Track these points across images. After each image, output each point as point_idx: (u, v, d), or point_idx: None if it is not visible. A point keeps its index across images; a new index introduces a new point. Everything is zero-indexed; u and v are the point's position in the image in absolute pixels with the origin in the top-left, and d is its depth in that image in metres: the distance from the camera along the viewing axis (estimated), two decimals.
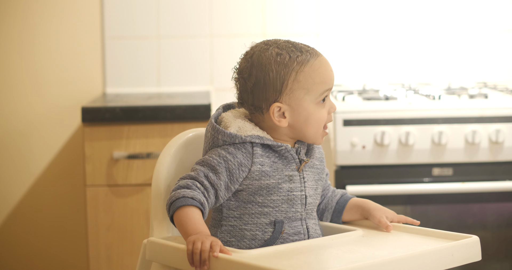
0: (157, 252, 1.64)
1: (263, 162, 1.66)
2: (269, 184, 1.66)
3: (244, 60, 1.70)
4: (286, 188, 1.67)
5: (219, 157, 1.64)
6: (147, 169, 2.79)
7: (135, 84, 3.29)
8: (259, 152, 1.66)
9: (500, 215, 2.79)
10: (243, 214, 1.66)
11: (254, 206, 1.66)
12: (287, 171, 1.68)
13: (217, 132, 1.67)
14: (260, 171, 1.65)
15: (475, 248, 1.63)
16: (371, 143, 2.72)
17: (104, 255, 2.81)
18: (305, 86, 1.66)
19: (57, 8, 3.24)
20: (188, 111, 2.78)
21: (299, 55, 1.67)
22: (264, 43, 1.71)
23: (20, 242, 3.30)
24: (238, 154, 1.65)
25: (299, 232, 1.68)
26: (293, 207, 1.68)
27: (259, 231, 1.65)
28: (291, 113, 1.68)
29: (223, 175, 1.63)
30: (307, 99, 1.67)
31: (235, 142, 1.65)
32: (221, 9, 3.28)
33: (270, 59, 1.66)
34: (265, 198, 1.66)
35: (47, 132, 3.25)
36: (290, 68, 1.66)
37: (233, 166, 1.64)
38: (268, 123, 1.70)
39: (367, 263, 1.46)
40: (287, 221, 1.67)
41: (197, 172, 1.64)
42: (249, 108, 1.70)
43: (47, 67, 3.25)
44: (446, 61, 3.34)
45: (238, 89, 1.72)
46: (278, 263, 1.48)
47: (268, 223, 1.66)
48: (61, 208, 3.29)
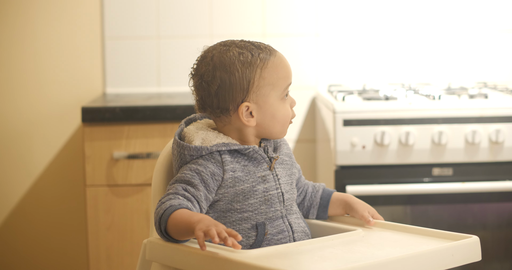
0: (157, 252, 1.64)
1: (234, 168, 1.65)
2: (244, 189, 1.65)
3: (203, 64, 1.68)
4: (261, 189, 1.67)
5: (191, 171, 1.63)
6: (147, 169, 2.79)
7: (135, 84, 3.29)
8: (228, 159, 1.65)
9: (500, 215, 2.79)
10: (224, 223, 1.65)
11: (234, 214, 1.65)
12: (259, 172, 1.67)
13: (183, 148, 1.66)
14: (233, 177, 1.65)
15: (475, 248, 1.63)
16: (371, 143, 2.72)
17: (104, 255, 2.81)
18: (270, 82, 1.67)
19: (57, 8, 3.24)
20: (188, 111, 2.78)
21: (260, 52, 1.67)
22: (221, 45, 1.70)
23: (20, 242, 3.30)
24: (209, 164, 1.64)
25: (283, 230, 1.68)
26: (272, 206, 1.67)
27: (243, 237, 1.64)
28: (258, 111, 1.67)
29: (200, 186, 1.62)
30: (272, 95, 1.68)
31: (202, 154, 1.65)
32: (221, 9, 3.28)
33: (233, 59, 1.65)
34: (242, 204, 1.65)
35: (47, 132, 3.25)
36: (255, 66, 1.66)
37: (206, 176, 1.63)
38: (235, 125, 1.69)
39: (367, 263, 1.46)
40: (269, 221, 1.67)
41: (175, 188, 1.62)
42: (214, 112, 1.68)
43: (47, 67, 3.25)
44: (446, 61, 3.34)
45: (198, 95, 1.69)
46: (278, 263, 1.48)
47: (250, 227, 1.65)
48: (61, 208, 3.29)
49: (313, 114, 3.28)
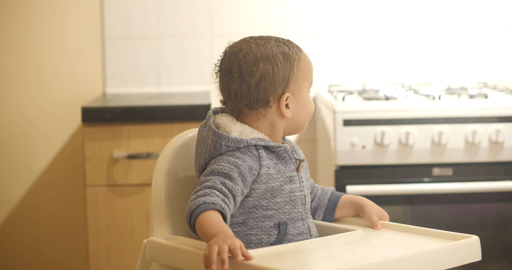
0: (157, 252, 1.64)
1: (269, 164, 1.66)
2: (273, 187, 1.65)
3: (240, 56, 1.67)
4: (288, 189, 1.67)
5: (229, 164, 1.62)
6: (147, 169, 2.79)
7: (135, 84, 3.29)
8: (264, 155, 1.65)
9: (500, 215, 2.79)
10: (247, 219, 1.65)
11: (259, 210, 1.65)
12: (288, 172, 1.68)
13: (220, 138, 1.64)
14: (267, 174, 1.65)
15: (475, 248, 1.63)
16: (371, 143, 2.72)
17: (104, 255, 2.81)
18: (304, 74, 1.71)
19: (57, 8, 3.24)
20: (188, 111, 2.78)
21: (293, 46, 1.72)
22: (254, 38, 1.72)
23: (20, 242, 3.30)
24: (246, 158, 1.63)
25: (302, 232, 1.69)
26: (295, 207, 1.68)
27: (265, 235, 1.65)
28: (293, 103, 1.70)
29: (238, 180, 1.61)
30: (305, 87, 1.72)
31: (239, 147, 1.64)
32: (221, 9, 3.28)
33: (274, 51, 1.68)
34: (269, 201, 1.65)
35: (47, 132, 3.25)
36: (293, 57, 1.69)
37: (245, 170, 1.62)
38: (270, 118, 1.70)
39: (367, 263, 1.46)
40: (290, 222, 1.67)
41: (212, 181, 1.59)
42: (251, 105, 1.67)
43: (47, 67, 3.25)
44: (446, 61, 3.34)
45: (230, 89, 1.68)
46: (278, 263, 1.48)
47: (273, 225, 1.66)
48: (61, 208, 3.29)
49: (313, 114, 3.28)
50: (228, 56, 1.70)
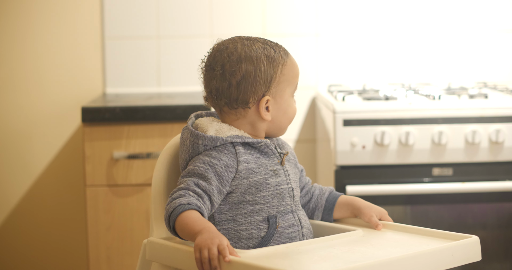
0: (157, 252, 1.64)
1: (248, 159, 1.67)
2: (257, 181, 1.66)
3: (225, 55, 1.69)
4: (273, 183, 1.68)
5: (204, 164, 1.64)
6: (147, 169, 2.79)
7: (135, 84, 3.29)
8: (241, 151, 1.67)
9: (500, 215, 2.79)
10: (236, 215, 1.66)
11: (246, 206, 1.66)
12: (271, 166, 1.69)
13: (197, 138, 1.67)
14: (247, 169, 1.66)
15: (475, 248, 1.63)
16: (371, 143, 2.72)
17: (104, 255, 2.81)
18: (287, 78, 1.71)
19: (57, 8, 3.24)
20: (188, 111, 2.78)
21: (280, 50, 1.72)
22: (241, 39, 1.73)
23: (20, 242, 3.30)
24: (222, 156, 1.65)
25: (293, 224, 1.69)
26: (283, 200, 1.69)
27: (255, 229, 1.66)
28: (274, 106, 1.71)
29: (213, 180, 1.63)
30: (287, 91, 1.72)
31: (216, 145, 1.66)
32: (221, 9, 3.28)
33: (259, 53, 1.69)
34: (255, 196, 1.66)
35: (47, 132, 3.25)
36: (277, 61, 1.70)
37: (220, 169, 1.64)
38: (249, 118, 1.71)
39: (367, 263, 1.46)
40: (280, 215, 1.68)
41: (186, 183, 1.62)
42: (230, 104, 1.69)
43: (47, 67, 3.25)
44: (446, 61, 3.34)
45: (213, 86, 1.70)
46: (278, 263, 1.48)
47: (262, 220, 1.66)
48: (61, 208, 3.29)
49: (313, 114, 3.28)
50: (214, 53, 1.72)
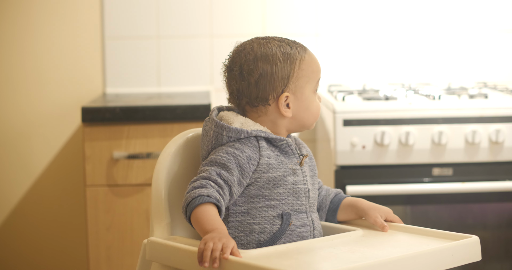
0: (157, 252, 1.64)
1: (269, 155, 1.68)
2: (275, 177, 1.67)
3: (243, 55, 1.72)
4: (291, 181, 1.69)
5: (227, 154, 1.66)
6: (147, 169, 2.79)
7: (135, 84, 3.29)
8: (264, 145, 1.68)
9: (500, 215, 2.79)
10: (250, 208, 1.67)
11: (261, 200, 1.67)
12: (290, 164, 1.71)
13: (222, 129, 1.69)
14: (267, 163, 1.67)
15: (475, 248, 1.63)
16: (371, 143, 2.72)
17: (104, 255, 2.81)
18: (306, 74, 1.73)
19: (57, 8, 3.24)
20: (188, 111, 2.78)
21: (297, 46, 1.75)
22: (258, 38, 1.75)
23: (20, 242, 3.30)
24: (245, 148, 1.67)
25: (305, 224, 1.70)
26: (298, 199, 1.70)
27: (268, 224, 1.67)
28: (294, 103, 1.72)
29: (235, 171, 1.64)
30: (308, 87, 1.74)
31: (240, 137, 1.68)
32: (221, 9, 3.28)
33: (274, 50, 1.71)
34: (271, 191, 1.67)
35: (47, 132, 3.25)
36: (294, 57, 1.72)
37: (243, 160, 1.65)
38: (271, 116, 1.73)
39: (367, 263, 1.46)
40: (294, 213, 1.69)
41: (208, 172, 1.64)
42: (251, 102, 1.72)
43: (47, 67, 3.25)
44: (446, 61, 3.34)
45: (234, 86, 1.72)
46: (278, 263, 1.48)
47: (276, 215, 1.67)
48: (61, 208, 3.29)
49: None
50: (233, 54, 1.75)
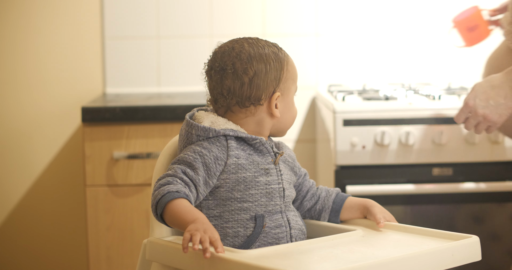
0: (157, 252, 1.64)
1: (238, 154, 1.67)
2: (246, 177, 1.66)
3: (234, 54, 1.71)
4: (263, 181, 1.68)
5: (194, 153, 1.65)
6: (147, 169, 2.79)
7: (135, 84, 3.29)
8: (234, 145, 1.68)
9: (500, 215, 2.79)
10: (223, 212, 1.66)
11: (233, 202, 1.66)
12: (263, 164, 1.69)
13: (191, 127, 1.69)
14: (236, 164, 1.66)
15: (475, 248, 1.63)
16: (371, 143, 2.72)
17: (104, 255, 2.81)
18: (292, 77, 1.74)
19: (57, 8, 3.24)
20: (188, 111, 2.77)
21: (280, 49, 1.76)
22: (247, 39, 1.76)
23: (20, 242, 3.30)
24: (213, 148, 1.66)
25: (281, 225, 1.69)
26: (272, 200, 1.69)
27: (241, 228, 1.66)
28: (281, 103, 1.73)
29: (201, 170, 1.64)
30: (292, 90, 1.75)
31: (209, 136, 1.67)
32: (221, 9, 3.28)
33: (266, 50, 1.72)
34: (243, 193, 1.66)
35: (47, 132, 3.25)
36: (282, 59, 1.73)
37: (209, 160, 1.65)
38: (258, 116, 1.72)
39: (367, 263, 1.46)
40: (268, 214, 1.68)
41: (174, 170, 1.63)
42: (242, 103, 1.70)
43: (47, 67, 3.25)
44: (446, 61, 3.34)
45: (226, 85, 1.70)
46: (278, 263, 1.48)
47: (249, 218, 1.66)
48: (61, 208, 3.29)
49: (313, 114, 3.28)
50: (220, 55, 1.73)
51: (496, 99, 1.95)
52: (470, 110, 1.97)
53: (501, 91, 1.95)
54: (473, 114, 1.97)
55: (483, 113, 1.96)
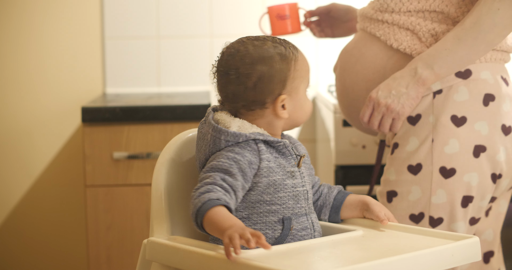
0: (157, 252, 1.64)
1: (269, 158, 1.66)
2: (275, 180, 1.66)
3: (237, 58, 1.68)
4: (290, 184, 1.68)
5: (228, 160, 1.63)
6: (147, 169, 2.79)
7: (135, 84, 3.29)
8: (264, 149, 1.66)
9: None
10: (251, 214, 1.65)
11: (262, 205, 1.66)
12: (288, 167, 1.69)
13: (220, 133, 1.65)
14: (268, 167, 1.65)
15: (475, 248, 1.63)
16: (371, 143, 2.72)
17: (104, 255, 2.81)
18: (301, 74, 1.71)
19: (57, 8, 3.24)
20: (188, 111, 2.78)
21: (290, 46, 1.73)
22: (251, 39, 1.73)
23: (20, 242, 3.30)
24: (245, 152, 1.64)
25: (306, 227, 1.69)
26: (298, 203, 1.68)
27: (269, 230, 1.65)
28: (289, 103, 1.71)
29: (238, 176, 1.61)
30: (302, 87, 1.72)
31: (238, 141, 1.65)
32: (221, 9, 3.28)
33: (270, 52, 1.68)
34: (272, 196, 1.66)
35: (47, 132, 3.25)
36: (290, 58, 1.70)
37: (244, 165, 1.63)
38: (267, 118, 1.71)
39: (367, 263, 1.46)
40: (294, 217, 1.67)
41: (212, 177, 1.61)
42: (248, 106, 1.69)
43: (47, 67, 3.25)
44: None
45: (228, 90, 1.69)
46: (278, 263, 1.48)
47: (277, 221, 1.66)
48: (61, 208, 3.29)
49: (313, 114, 3.28)
50: (226, 57, 1.70)
51: (398, 89, 1.96)
52: (374, 103, 1.98)
53: (402, 81, 1.96)
54: (376, 106, 1.98)
55: (385, 103, 1.96)
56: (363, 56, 2.11)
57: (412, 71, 1.97)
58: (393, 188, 2.04)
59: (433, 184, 1.99)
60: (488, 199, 2.03)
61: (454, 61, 1.96)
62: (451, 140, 1.98)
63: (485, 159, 1.99)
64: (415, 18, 2.03)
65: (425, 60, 1.96)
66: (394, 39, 2.05)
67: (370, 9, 2.12)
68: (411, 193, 2.01)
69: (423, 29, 2.02)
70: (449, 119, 1.99)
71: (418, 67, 1.96)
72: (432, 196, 1.98)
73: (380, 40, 2.08)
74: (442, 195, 1.98)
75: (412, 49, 2.02)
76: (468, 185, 1.98)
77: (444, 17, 2.02)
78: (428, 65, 1.96)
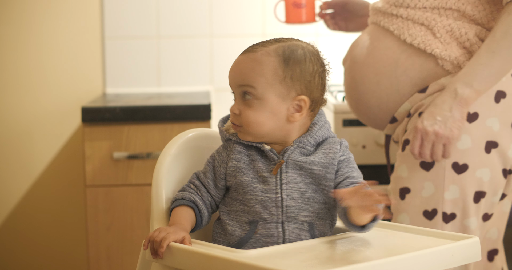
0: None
1: (239, 158, 1.68)
2: (242, 181, 1.66)
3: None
4: (259, 188, 1.65)
5: (210, 158, 1.73)
6: (147, 169, 2.79)
7: (135, 84, 3.29)
8: (237, 149, 1.69)
9: None
10: (231, 210, 1.69)
11: (237, 204, 1.68)
12: (263, 172, 1.66)
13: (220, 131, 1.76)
14: (235, 167, 1.68)
15: (475, 248, 1.63)
16: (371, 143, 2.72)
17: (104, 255, 2.81)
18: None
19: (57, 8, 3.24)
20: (188, 111, 2.78)
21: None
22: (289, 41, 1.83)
23: (20, 242, 3.30)
24: (223, 152, 1.71)
25: (272, 235, 1.64)
26: (267, 209, 1.65)
27: (238, 228, 1.66)
28: None
29: (210, 173, 1.71)
30: None
31: (224, 140, 1.74)
32: (221, 9, 3.28)
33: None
34: (242, 197, 1.67)
35: (47, 132, 3.25)
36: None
37: (217, 163, 1.71)
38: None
39: (367, 263, 1.46)
40: (262, 222, 1.65)
41: (193, 175, 1.74)
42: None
43: (47, 67, 3.25)
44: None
45: None
46: (278, 263, 1.48)
47: (247, 221, 1.66)
48: (61, 208, 3.29)
49: None
50: None
51: (442, 113, 1.94)
52: (421, 133, 1.96)
53: (444, 105, 1.95)
54: (425, 136, 1.95)
55: (433, 130, 1.94)
56: (375, 49, 2.11)
57: (453, 93, 1.95)
58: (406, 185, 2.03)
59: (446, 180, 1.99)
60: (499, 195, 2.03)
61: (491, 74, 1.94)
62: (463, 135, 1.98)
63: (496, 155, 1.99)
64: (430, 13, 2.03)
65: (463, 79, 1.95)
66: (408, 33, 2.05)
67: (385, 3, 2.11)
68: (424, 189, 2.00)
69: (438, 25, 2.02)
70: None
71: (458, 88, 1.94)
72: (445, 191, 1.98)
73: (393, 35, 2.08)
74: (455, 191, 1.98)
75: (426, 45, 2.01)
76: (480, 180, 1.99)
77: (460, 15, 2.02)
78: (467, 83, 1.94)
